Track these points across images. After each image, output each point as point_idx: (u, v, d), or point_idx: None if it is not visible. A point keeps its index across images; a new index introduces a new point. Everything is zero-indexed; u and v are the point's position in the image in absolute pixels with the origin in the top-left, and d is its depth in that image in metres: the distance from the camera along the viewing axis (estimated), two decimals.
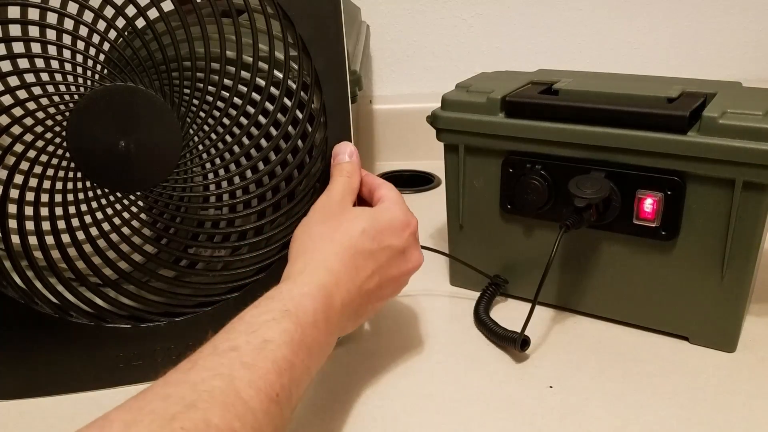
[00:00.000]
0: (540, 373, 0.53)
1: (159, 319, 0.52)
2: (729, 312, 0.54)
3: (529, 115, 0.57)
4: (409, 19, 1.06)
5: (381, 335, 0.59)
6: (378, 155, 1.06)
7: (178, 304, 0.53)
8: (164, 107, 0.48)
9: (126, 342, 0.52)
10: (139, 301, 0.52)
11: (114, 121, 0.47)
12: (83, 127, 0.46)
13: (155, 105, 0.47)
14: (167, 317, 0.53)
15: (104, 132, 0.47)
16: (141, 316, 0.52)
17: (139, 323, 0.52)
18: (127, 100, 0.47)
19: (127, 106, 0.47)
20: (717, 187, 0.51)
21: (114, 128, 0.47)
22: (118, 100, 0.47)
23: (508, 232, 0.62)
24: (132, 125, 0.47)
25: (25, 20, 0.46)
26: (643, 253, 0.56)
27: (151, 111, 0.48)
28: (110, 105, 0.47)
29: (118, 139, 0.47)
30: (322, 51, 0.51)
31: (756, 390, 0.50)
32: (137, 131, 0.47)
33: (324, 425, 0.48)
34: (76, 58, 0.47)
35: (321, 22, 0.51)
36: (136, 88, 0.47)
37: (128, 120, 0.47)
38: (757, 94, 0.55)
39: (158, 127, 0.48)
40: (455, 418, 0.48)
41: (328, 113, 0.52)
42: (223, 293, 0.54)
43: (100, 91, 0.46)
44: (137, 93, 0.47)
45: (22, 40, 0.47)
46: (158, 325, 0.52)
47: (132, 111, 0.47)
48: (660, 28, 1.05)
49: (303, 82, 0.51)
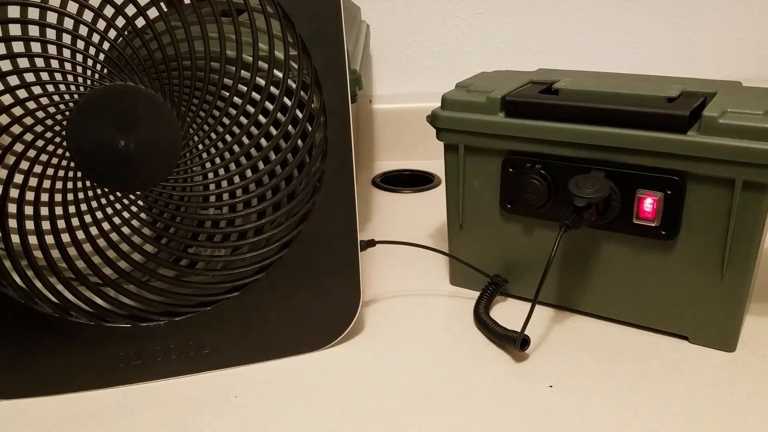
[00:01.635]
0: (540, 373, 0.53)
1: (159, 319, 0.52)
2: (729, 312, 0.54)
3: (529, 115, 0.57)
4: (409, 19, 1.06)
5: (381, 335, 0.59)
6: (378, 155, 1.06)
7: (178, 303, 0.53)
8: (164, 106, 0.48)
9: (126, 341, 0.52)
10: (139, 300, 0.52)
11: (114, 120, 0.47)
12: (83, 127, 0.46)
13: (155, 104, 0.47)
14: (167, 317, 0.53)
15: (104, 131, 0.47)
16: (141, 316, 0.52)
17: (139, 323, 0.52)
18: (127, 100, 0.47)
19: (127, 106, 0.47)
20: (717, 186, 0.51)
21: (114, 127, 0.47)
22: (119, 99, 0.47)
23: (507, 231, 0.62)
24: (132, 124, 0.47)
25: (25, 20, 0.46)
26: (643, 252, 0.56)
27: (151, 110, 0.48)
28: (110, 104, 0.47)
29: (118, 138, 0.47)
30: (322, 50, 0.51)
31: (756, 389, 0.50)
32: (137, 130, 0.48)
33: (324, 425, 0.48)
34: (76, 58, 0.47)
35: (321, 21, 0.50)
36: (136, 88, 0.47)
37: (128, 119, 0.47)
38: (757, 94, 0.55)
39: (158, 127, 0.48)
40: (455, 418, 0.48)
41: (328, 113, 0.52)
42: (223, 293, 0.54)
43: (100, 91, 0.46)
44: (137, 92, 0.47)
45: (22, 39, 0.47)
46: (158, 325, 0.52)
47: (132, 110, 0.47)
48: (660, 27, 1.05)
49: (303, 81, 0.51)
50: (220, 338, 0.54)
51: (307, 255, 0.54)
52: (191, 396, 0.51)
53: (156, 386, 0.53)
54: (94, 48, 0.47)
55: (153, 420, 0.49)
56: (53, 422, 0.49)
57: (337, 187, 0.54)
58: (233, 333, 0.54)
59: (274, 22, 0.50)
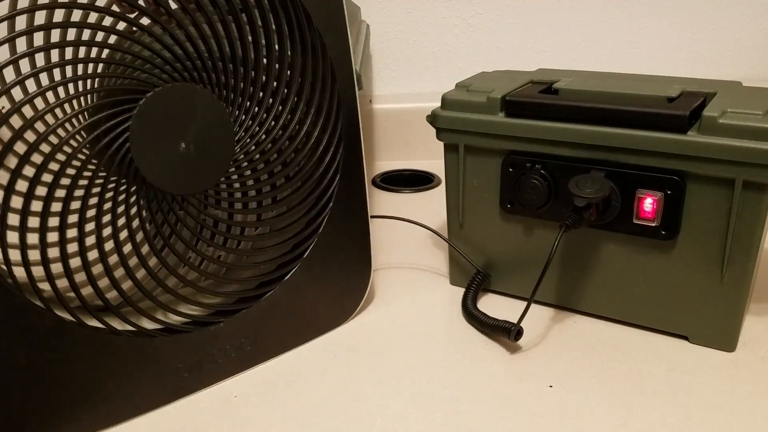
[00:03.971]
0: (540, 373, 0.53)
1: (218, 320, 0.52)
2: (729, 311, 0.54)
3: (529, 115, 0.57)
4: (409, 18, 1.06)
5: (381, 335, 0.59)
6: (378, 155, 1.06)
7: (232, 301, 0.54)
8: (219, 106, 0.47)
9: (187, 349, 0.50)
10: (200, 305, 0.51)
11: (173, 122, 0.45)
12: (145, 133, 0.44)
13: (211, 103, 0.47)
14: (223, 316, 0.52)
15: (166, 135, 0.45)
16: (201, 320, 0.51)
17: (200, 327, 0.51)
18: (186, 101, 0.45)
19: (185, 107, 0.45)
20: (717, 186, 0.51)
21: (174, 131, 0.45)
22: (178, 100, 0.45)
23: (507, 231, 0.62)
24: (190, 125, 0.46)
25: (85, 24, 0.42)
26: (642, 252, 0.56)
27: (206, 110, 0.47)
28: (169, 107, 0.44)
29: (179, 141, 0.45)
30: (334, 42, 0.53)
31: (756, 389, 0.50)
32: (196, 132, 0.46)
33: (324, 425, 0.48)
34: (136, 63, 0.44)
35: (330, 14, 0.52)
36: (193, 87, 0.45)
37: (186, 121, 0.46)
38: (757, 94, 0.55)
39: (214, 126, 0.48)
40: (455, 418, 0.48)
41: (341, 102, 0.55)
42: (270, 282, 0.55)
43: (160, 92, 0.44)
44: (194, 92, 0.46)
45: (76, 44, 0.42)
46: (218, 327, 0.52)
47: (189, 111, 0.46)
48: (660, 27, 1.05)
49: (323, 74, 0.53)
50: (269, 328, 0.55)
51: (334, 235, 0.58)
52: (191, 396, 0.51)
53: None
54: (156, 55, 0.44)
55: (153, 419, 0.49)
56: None
57: (351, 171, 0.58)
58: (280, 321, 0.56)
59: None
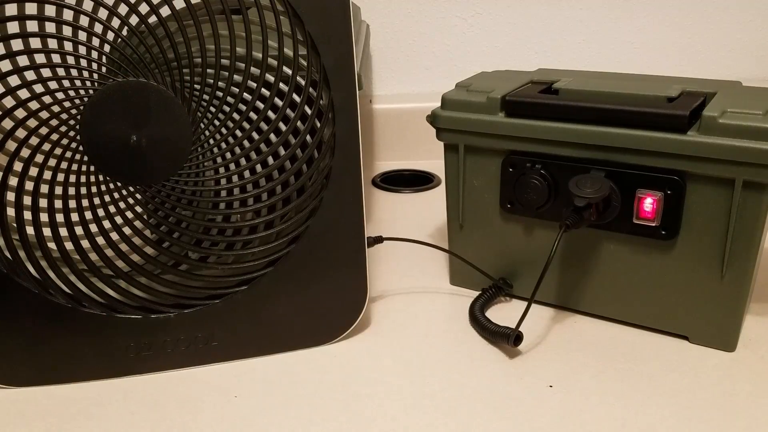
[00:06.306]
0: (540, 373, 0.53)
1: (169, 311, 0.53)
2: (729, 311, 0.54)
3: (529, 115, 0.57)
4: (409, 19, 1.06)
5: (381, 335, 0.59)
6: (378, 155, 1.06)
7: (188, 296, 0.54)
8: (174, 102, 0.49)
9: (137, 332, 0.53)
10: (151, 292, 0.53)
11: (126, 115, 0.48)
12: (96, 121, 0.48)
13: (166, 100, 0.48)
14: (177, 309, 0.54)
15: (116, 126, 0.48)
16: (152, 308, 0.53)
17: (149, 314, 0.53)
18: (139, 96, 0.48)
19: (139, 101, 0.48)
20: (717, 186, 0.51)
21: (126, 122, 0.48)
22: (131, 95, 0.48)
23: (508, 231, 0.62)
24: (144, 120, 0.48)
25: (41, 16, 0.47)
26: (642, 252, 0.56)
27: (162, 106, 0.48)
28: (123, 100, 0.48)
29: (129, 133, 0.48)
30: (331, 48, 0.52)
31: (756, 389, 0.51)
32: (149, 126, 0.49)
33: (324, 425, 0.48)
34: (91, 54, 0.48)
35: (330, 20, 0.51)
36: (147, 84, 0.48)
37: (140, 115, 0.48)
38: (757, 94, 0.55)
39: (169, 122, 0.49)
40: (455, 418, 0.48)
41: (337, 110, 0.53)
42: (233, 286, 0.55)
43: (113, 86, 0.47)
44: (149, 88, 0.48)
45: (38, 35, 0.48)
46: (168, 317, 0.53)
47: (144, 106, 0.48)
48: (660, 27, 1.05)
49: (312, 78, 0.52)
50: (228, 331, 0.55)
51: (315, 250, 0.55)
52: (191, 395, 0.51)
53: (156, 385, 0.53)
54: (108, 45, 0.48)
55: (153, 420, 0.49)
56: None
57: (345, 184, 0.54)
58: (241, 326, 0.55)
59: (284, 19, 0.50)
